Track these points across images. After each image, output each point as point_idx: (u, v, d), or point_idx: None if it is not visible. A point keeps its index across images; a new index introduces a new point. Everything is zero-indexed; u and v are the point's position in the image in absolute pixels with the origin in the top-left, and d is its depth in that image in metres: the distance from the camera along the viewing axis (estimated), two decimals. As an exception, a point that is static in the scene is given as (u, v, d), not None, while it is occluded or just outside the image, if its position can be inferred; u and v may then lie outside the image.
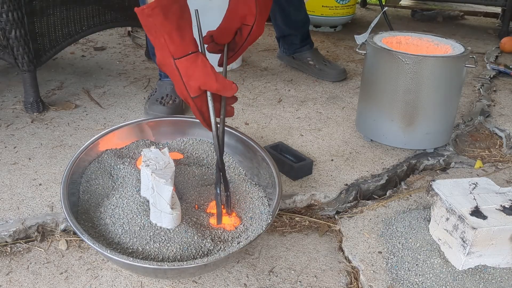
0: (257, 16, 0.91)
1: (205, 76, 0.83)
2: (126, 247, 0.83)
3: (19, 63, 1.41)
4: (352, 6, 2.61)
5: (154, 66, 1.92)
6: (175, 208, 0.85)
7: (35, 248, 0.97)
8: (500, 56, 2.29)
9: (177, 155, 1.08)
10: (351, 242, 1.00)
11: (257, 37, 0.95)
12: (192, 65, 0.83)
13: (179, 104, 1.50)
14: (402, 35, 1.37)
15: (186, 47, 0.83)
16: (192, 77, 0.83)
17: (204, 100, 0.87)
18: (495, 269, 0.89)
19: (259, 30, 0.93)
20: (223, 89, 0.85)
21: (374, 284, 0.89)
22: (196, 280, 0.90)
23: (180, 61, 0.83)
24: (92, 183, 0.97)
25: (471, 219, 0.87)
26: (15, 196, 1.08)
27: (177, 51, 0.82)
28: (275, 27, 1.91)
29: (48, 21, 1.47)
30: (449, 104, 1.27)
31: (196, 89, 0.85)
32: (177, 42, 0.82)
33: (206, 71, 0.83)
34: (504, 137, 1.47)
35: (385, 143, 1.34)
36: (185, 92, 0.85)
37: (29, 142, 1.32)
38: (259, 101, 1.66)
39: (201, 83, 0.84)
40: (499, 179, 1.21)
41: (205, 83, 0.84)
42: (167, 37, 0.81)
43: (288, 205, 1.12)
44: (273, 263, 0.96)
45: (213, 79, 0.84)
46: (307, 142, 1.38)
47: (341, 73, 1.86)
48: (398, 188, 1.22)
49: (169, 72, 0.85)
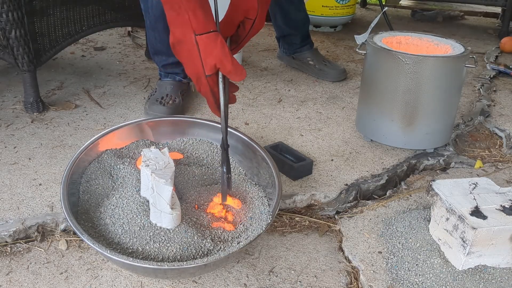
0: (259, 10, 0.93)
1: (223, 55, 0.86)
2: (126, 247, 0.83)
3: (19, 63, 1.41)
4: (352, 6, 2.61)
5: (154, 66, 1.92)
6: (175, 208, 0.85)
7: (35, 248, 0.97)
8: (500, 56, 2.29)
9: (177, 155, 1.08)
10: (351, 242, 1.00)
11: (258, 31, 0.98)
12: (212, 43, 0.85)
13: (179, 104, 1.50)
14: (402, 35, 1.37)
15: (208, 24, 0.85)
16: (210, 55, 0.86)
17: (216, 81, 0.89)
18: (495, 269, 0.89)
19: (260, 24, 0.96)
20: (235, 72, 0.88)
21: (374, 284, 0.89)
22: (196, 280, 0.90)
23: (201, 38, 0.85)
24: (92, 183, 0.97)
25: (471, 219, 0.87)
26: (15, 196, 1.08)
27: (199, 27, 0.85)
28: (275, 27, 1.91)
29: (48, 21, 1.47)
30: (449, 104, 1.27)
31: (212, 67, 0.87)
32: (200, 19, 0.84)
33: (224, 51, 0.86)
34: (504, 137, 1.48)
35: (385, 143, 1.34)
36: (201, 70, 0.87)
37: (29, 142, 1.32)
38: (259, 101, 1.66)
39: (218, 61, 0.86)
40: (499, 179, 1.21)
41: (222, 62, 0.86)
42: (191, 13, 0.84)
43: (288, 205, 1.12)
44: (273, 263, 0.96)
45: (229, 60, 0.86)
46: (307, 142, 1.38)
47: (341, 73, 1.86)
48: (398, 188, 1.22)
49: (187, 48, 0.87)
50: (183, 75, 1.56)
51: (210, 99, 0.91)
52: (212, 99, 0.91)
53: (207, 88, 0.89)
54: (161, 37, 1.46)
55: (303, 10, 1.86)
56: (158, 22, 1.42)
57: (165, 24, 1.42)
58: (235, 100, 0.98)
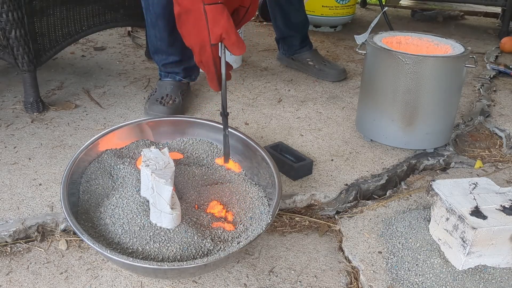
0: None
1: (229, 26, 0.89)
2: (126, 247, 0.83)
3: (19, 63, 1.41)
4: (352, 6, 2.61)
5: (154, 66, 1.93)
6: (175, 208, 0.85)
7: (35, 248, 0.97)
8: (500, 56, 2.29)
9: (177, 155, 1.08)
10: (351, 242, 1.00)
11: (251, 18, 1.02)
12: (219, 14, 0.88)
13: (179, 104, 1.50)
14: (402, 35, 1.37)
15: None
16: (218, 24, 0.88)
17: (218, 52, 0.92)
18: (495, 269, 0.89)
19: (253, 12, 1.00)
20: (238, 44, 0.91)
21: (374, 284, 0.89)
22: (196, 280, 0.90)
23: (210, 7, 0.88)
24: (92, 183, 0.97)
25: (471, 219, 0.87)
26: (15, 196, 1.08)
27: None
28: (275, 28, 1.91)
29: (48, 21, 1.47)
30: (449, 104, 1.27)
31: (218, 37, 0.90)
32: None
33: (230, 22, 0.89)
34: (504, 137, 1.48)
35: (385, 143, 1.34)
36: (207, 38, 0.90)
37: (29, 142, 1.32)
38: (259, 101, 1.66)
39: (224, 31, 0.89)
40: (499, 179, 1.21)
41: (228, 32, 0.89)
42: None
43: (288, 205, 1.12)
44: (273, 263, 0.96)
45: (234, 32, 0.90)
46: (307, 142, 1.38)
47: (341, 73, 1.86)
48: (398, 188, 1.22)
49: (194, 17, 0.89)
50: (183, 75, 1.56)
51: (212, 68, 0.94)
52: (213, 69, 0.93)
53: (210, 57, 0.92)
54: (161, 35, 1.46)
55: (302, 12, 1.87)
56: (158, 19, 1.42)
57: (165, 22, 1.42)
58: (230, 77, 1.01)
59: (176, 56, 1.51)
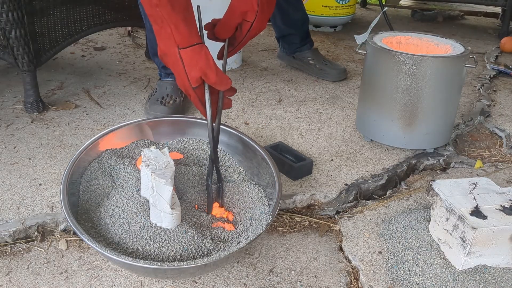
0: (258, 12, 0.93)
1: (207, 67, 0.87)
2: (126, 247, 0.83)
3: (19, 63, 1.41)
4: (352, 6, 2.61)
5: (154, 66, 1.92)
6: (175, 208, 0.85)
7: (35, 248, 0.97)
8: (500, 56, 2.29)
9: (177, 155, 1.08)
10: (351, 242, 1.00)
11: (257, 34, 0.98)
12: (196, 56, 0.86)
13: (179, 104, 1.50)
14: (402, 35, 1.37)
15: (192, 38, 0.86)
16: (194, 67, 0.86)
17: (203, 92, 0.90)
18: (495, 269, 0.89)
19: (259, 27, 0.96)
20: (220, 82, 0.89)
21: (374, 284, 0.89)
22: (196, 280, 0.90)
23: (185, 51, 0.86)
24: (92, 183, 0.97)
25: (471, 219, 0.87)
26: (15, 196, 1.08)
27: (183, 41, 0.85)
28: (275, 27, 1.91)
29: (48, 21, 1.47)
30: (449, 104, 1.27)
31: (197, 79, 0.88)
32: (183, 33, 0.85)
33: (208, 63, 0.87)
34: (504, 137, 1.47)
35: (385, 143, 1.34)
36: (187, 82, 0.88)
37: (29, 142, 1.32)
38: (259, 101, 1.66)
39: (202, 74, 0.87)
40: (499, 179, 1.21)
41: (206, 74, 0.87)
42: (174, 27, 0.84)
43: (288, 205, 1.12)
44: (273, 263, 0.96)
45: (213, 71, 0.87)
46: (307, 142, 1.38)
47: (342, 72, 1.86)
48: (398, 188, 1.22)
49: (172, 62, 0.88)
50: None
51: (201, 109, 0.92)
52: (203, 109, 0.92)
53: (196, 100, 0.90)
54: None
55: (301, 10, 1.86)
56: None
57: None
58: (230, 105, 0.98)
59: None
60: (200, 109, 0.92)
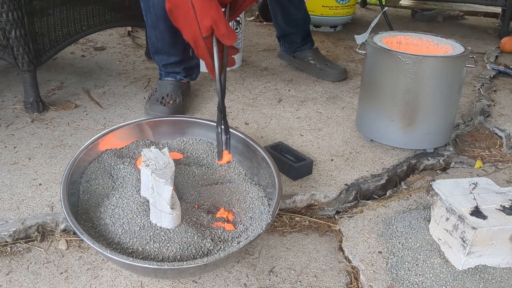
0: None
1: (218, 17, 0.88)
2: (126, 247, 0.83)
3: (19, 63, 1.41)
4: (352, 6, 2.61)
5: (154, 66, 1.93)
6: (175, 208, 0.85)
7: (35, 248, 0.97)
8: (500, 56, 2.29)
9: (177, 155, 1.08)
10: (351, 242, 1.00)
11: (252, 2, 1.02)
12: (207, 5, 0.88)
13: (180, 104, 1.50)
14: (402, 35, 1.37)
15: None
16: (206, 16, 0.88)
17: (211, 43, 0.91)
18: (495, 269, 0.89)
19: None
20: (228, 36, 0.90)
21: (374, 284, 0.89)
22: (196, 280, 0.90)
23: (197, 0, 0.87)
24: (92, 183, 0.97)
25: (471, 219, 0.87)
26: (15, 196, 1.08)
27: None
28: (276, 26, 1.91)
29: (48, 21, 1.47)
30: (449, 104, 1.27)
31: (208, 29, 0.89)
32: None
33: (219, 13, 0.89)
34: (504, 137, 1.48)
35: (385, 143, 1.34)
36: (198, 32, 0.89)
37: (29, 142, 1.32)
38: (259, 101, 1.66)
39: (213, 23, 0.88)
40: (499, 179, 1.21)
41: (217, 24, 0.89)
42: None
43: (288, 205, 1.12)
44: (273, 263, 0.96)
45: (223, 23, 0.89)
46: (307, 142, 1.38)
47: (342, 72, 1.86)
48: (398, 188, 1.22)
49: (183, 12, 0.89)
50: (184, 74, 1.56)
51: (208, 61, 0.93)
52: (211, 61, 0.93)
53: (205, 50, 0.91)
54: (162, 36, 1.46)
55: (303, 9, 1.86)
56: (159, 21, 1.42)
57: (166, 24, 1.42)
58: (234, 63, 1.01)
59: (177, 57, 1.51)
60: (208, 60, 0.93)
